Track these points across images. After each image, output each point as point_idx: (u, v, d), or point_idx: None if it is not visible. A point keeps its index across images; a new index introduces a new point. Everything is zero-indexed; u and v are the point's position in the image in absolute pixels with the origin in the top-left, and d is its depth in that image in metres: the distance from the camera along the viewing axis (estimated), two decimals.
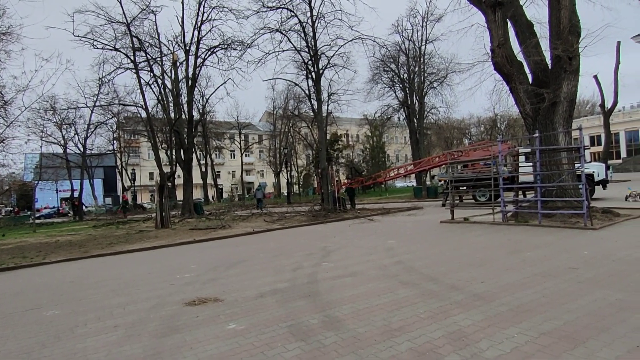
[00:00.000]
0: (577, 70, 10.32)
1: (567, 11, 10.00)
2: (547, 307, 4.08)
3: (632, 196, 14.11)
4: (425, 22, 31.41)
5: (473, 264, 6.37)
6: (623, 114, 63.57)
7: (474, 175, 17.57)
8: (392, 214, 17.83)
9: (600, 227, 8.97)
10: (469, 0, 11.82)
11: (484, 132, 60.12)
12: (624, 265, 5.56)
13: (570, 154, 10.81)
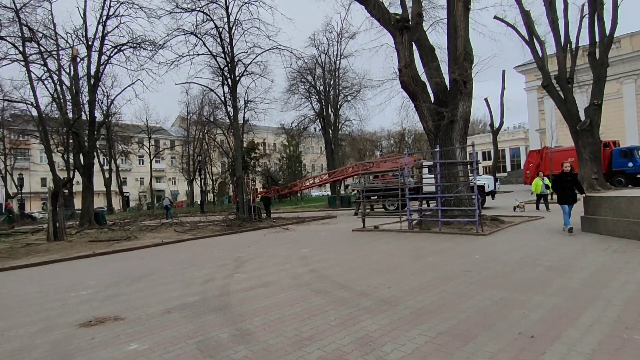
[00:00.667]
0: (471, 93, 11.59)
1: (462, 40, 11.21)
2: (444, 308, 4.45)
3: (520, 207, 15.67)
4: (340, 38, 32.83)
5: (381, 270, 6.72)
6: (508, 133, 72.16)
7: (383, 186, 18.60)
8: (307, 222, 18.10)
9: (490, 233, 10.07)
10: (379, 22, 12.63)
11: (393, 145, 64.04)
12: (507, 267, 6.29)
13: (465, 167, 12.01)
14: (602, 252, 6.89)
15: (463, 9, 11.37)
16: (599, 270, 5.71)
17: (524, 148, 61.13)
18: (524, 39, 23.43)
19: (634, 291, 4.60)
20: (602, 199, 8.90)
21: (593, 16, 21.10)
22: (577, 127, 21.56)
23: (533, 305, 4.32)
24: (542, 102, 38.87)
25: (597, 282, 5.06)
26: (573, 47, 22.66)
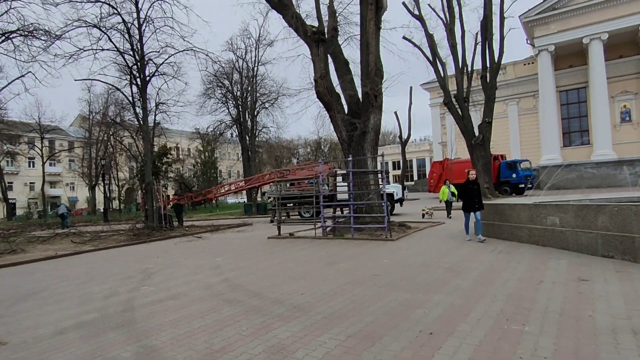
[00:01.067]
0: (381, 106, 12.34)
1: (374, 56, 11.92)
2: (353, 312, 4.64)
3: (428, 214, 16.62)
4: (258, 44, 32.70)
5: (296, 277, 6.80)
6: (415, 144, 77.66)
7: (299, 193, 18.84)
8: (222, 230, 17.61)
9: (397, 239, 10.74)
10: (296, 32, 12.88)
11: (310, 153, 65.20)
12: (412, 270, 6.76)
13: (376, 176, 12.69)
14: (490, 254, 7.75)
15: (374, 27, 12.10)
16: (487, 269, 6.41)
17: (429, 159, 66.21)
18: (428, 59, 25.53)
19: (514, 287, 5.25)
20: (491, 206, 10.01)
21: (484, 44, 23.77)
22: (472, 142, 23.97)
23: (433, 304, 4.71)
24: (444, 117, 42.65)
25: (486, 281, 5.68)
26: (469, 70, 25.25)
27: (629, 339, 3.41)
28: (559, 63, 36.23)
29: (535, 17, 34.80)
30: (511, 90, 39.76)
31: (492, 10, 23.56)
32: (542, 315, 4.10)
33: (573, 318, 3.98)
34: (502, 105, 38.81)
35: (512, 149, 39.19)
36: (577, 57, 35.33)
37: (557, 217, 7.59)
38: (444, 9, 24.91)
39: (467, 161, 28.19)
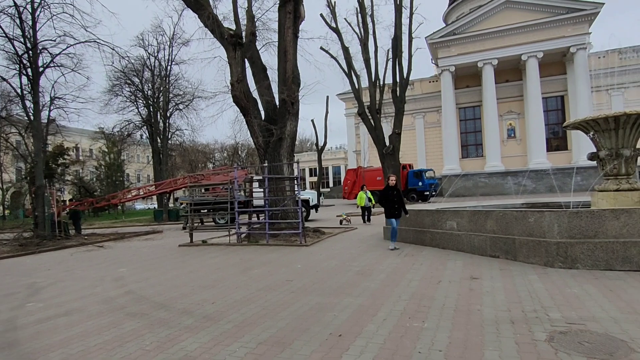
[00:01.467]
0: (298, 113, 12.53)
1: (291, 64, 12.08)
2: (265, 318, 4.62)
3: (346, 220, 16.80)
4: (172, 42, 31.13)
5: (207, 285, 6.56)
6: (331, 152, 79.83)
7: (214, 199, 18.26)
8: (127, 239, 16.34)
9: (311, 244, 10.93)
10: (212, 34, 12.56)
11: (227, 158, 63.60)
12: (324, 274, 6.93)
13: (291, 182, 12.81)
14: (397, 257, 8.24)
15: (292, 35, 12.29)
16: (393, 271, 6.81)
17: (344, 166, 68.57)
18: (344, 71, 26.59)
19: (416, 287, 5.64)
20: None
21: (395, 61, 25.46)
22: (383, 151, 25.40)
23: (343, 307, 4.87)
24: (358, 127, 44.60)
25: (392, 282, 6.03)
26: (381, 84, 26.80)
27: (508, 327, 3.87)
28: (459, 82, 40.08)
29: (438, 40, 38.17)
30: (418, 104, 42.99)
31: (402, 30, 25.29)
32: (439, 312, 4.47)
33: (465, 312, 4.39)
34: (410, 118, 41.73)
35: (419, 159, 42.30)
36: (474, 79, 39.42)
37: (455, 221, 8.36)
38: (359, 24, 26.17)
39: (378, 169, 29.75)
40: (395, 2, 25.38)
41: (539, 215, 6.38)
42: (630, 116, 7.46)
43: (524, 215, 6.68)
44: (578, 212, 6.07)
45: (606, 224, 5.82)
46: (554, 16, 34.78)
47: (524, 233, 6.67)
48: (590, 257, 5.86)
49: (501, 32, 36.10)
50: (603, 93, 35.14)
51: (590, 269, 5.84)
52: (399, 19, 25.24)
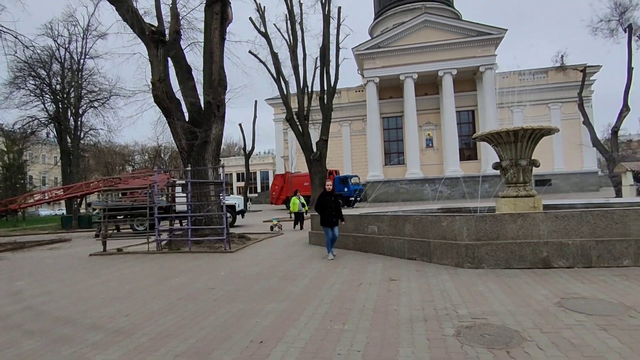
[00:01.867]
0: (224, 116, 12.24)
1: (217, 66, 11.79)
2: (185, 328, 4.42)
3: (277, 226, 16.21)
4: (86, 34, 28.77)
5: (120, 297, 6.12)
6: (259, 157, 79.18)
7: (131, 204, 17.11)
8: (28, 248, 14.66)
9: (236, 250, 10.70)
10: (132, 29, 11.83)
11: (148, 161, 60.08)
12: (248, 280, 6.82)
13: (216, 187, 12.45)
14: (321, 261, 8.38)
15: (219, 37, 12.01)
16: (317, 275, 6.91)
17: (272, 172, 68.29)
18: (272, 76, 26.60)
19: (338, 290, 5.79)
20: None
21: (323, 69, 26.06)
22: (311, 157, 25.76)
23: (266, 313, 4.83)
24: (286, 132, 44.74)
25: (315, 286, 6.12)
26: (309, 91, 27.23)
27: (422, 325, 4.12)
28: (383, 93, 42.07)
29: (364, 52, 39.80)
30: (345, 112, 44.32)
31: (329, 40, 25.99)
32: (359, 313, 4.62)
33: (383, 313, 4.60)
34: (337, 126, 42.86)
35: (345, 165, 43.54)
36: (396, 90, 41.64)
37: (376, 226, 8.72)
38: (288, 31, 26.41)
39: (306, 175, 30.08)
40: (324, 13, 26.03)
41: (451, 220, 6.91)
42: (527, 131, 8.39)
43: (438, 220, 7.18)
44: (483, 216, 6.68)
45: (506, 227, 6.48)
46: (466, 38, 38.14)
47: (438, 236, 7.17)
48: (493, 257, 6.47)
49: (421, 49, 38.68)
50: (506, 109, 39.12)
51: (493, 268, 6.43)
52: (327, 28, 25.90)
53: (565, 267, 6.20)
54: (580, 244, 6.20)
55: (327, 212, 8.50)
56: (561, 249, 6.25)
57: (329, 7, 26.09)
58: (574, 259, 6.21)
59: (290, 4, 26.14)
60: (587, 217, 6.26)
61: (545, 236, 6.34)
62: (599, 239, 6.19)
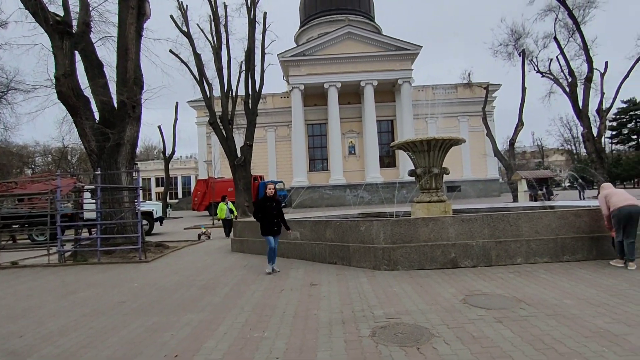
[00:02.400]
0: (139, 117, 11.51)
1: (133, 63, 11.08)
2: (88, 348, 4.06)
3: (205, 234, 15.16)
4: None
5: (13, 316, 5.45)
6: (181, 161, 75.74)
7: (29, 212, 15.31)
8: None
9: (153, 260, 10.09)
10: (35, 17, 10.67)
11: (52, 164, 54.32)
12: (164, 291, 6.46)
13: (131, 193, 11.65)
14: (243, 268, 8.23)
15: (135, 33, 11.30)
16: (238, 283, 6.77)
17: (195, 177, 65.64)
18: (195, 77, 25.65)
19: (259, 297, 5.72)
20: (246, 223, 10.71)
21: (248, 73, 25.72)
22: (235, 162, 25.22)
23: (182, 325, 4.62)
24: (209, 136, 43.31)
25: (236, 294, 5.99)
26: (234, 94, 26.68)
27: (340, 328, 4.23)
28: (308, 100, 42.67)
29: (289, 59, 40.12)
30: (270, 118, 44.15)
31: (254, 44, 25.78)
32: (279, 320, 4.61)
33: (303, 318, 4.64)
34: (262, 131, 42.54)
35: (270, 171, 43.30)
36: (321, 98, 42.50)
37: (298, 231, 8.79)
38: (212, 32, 25.72)
39: (230, 180, 29.38)
40: (249, 17, 25.78)
41: (369, 224, 7.20)
42: (438, 141, 9.09)
43: (357, 225, 7.45)
44: (399, 220, 7.06)
45: (419, 230, 6.92)
46: (386, 51, 40.27)
47: (357, 240, 7.43)
48: (408, 259, 6.87)
49: (344, 59, 40.01)
50: (422, 120, 41.90)
51: (407, 270, 6.82)
52: (252, 33, 25.67)
53: (470, 266, 6.79)
54: (483, 244, 6.84)
55: (268, 220, 7.53)
56: (467, 250, 6.83)
57: (255, 12, 25.89)
58: (478, 258, 6.82)
59: (215, 5, 25.47)
60: (488, 220, 6.92)
61: (453, 238, 6.88)
62: (497, 240, 6.87)
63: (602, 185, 7.08)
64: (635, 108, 64.67)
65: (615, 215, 6.36)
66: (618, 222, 6.34)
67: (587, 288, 5.22)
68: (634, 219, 6.27)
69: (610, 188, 6.85)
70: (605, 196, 6.60)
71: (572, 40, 24.95)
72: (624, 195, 6.50)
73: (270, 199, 7.66)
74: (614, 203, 6.40)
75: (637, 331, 3.68)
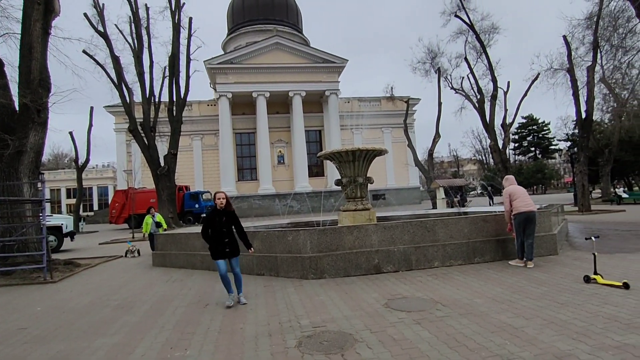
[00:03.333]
0: (46, 122, 10.45)
1: (38, 63, 10.07)
2: None
3: (131, 251, 13.64)
4: None
5: None
6: (96, 171, 70.21)
7: None
8: None
9: (60, 279, 9.15)
10: None
11: None
12: (73, 314, 5.89)
13: (35, 206, 10.51)
14: (165, 283, 7.80)
15: (41, 31, 10.30)
16: (159, 300, 6.40)
17: (113, 187, 61.14)
18: (113, 81, 24.03)
19: (182, 314, 5.46)
20: (169, 236, 10.20)
21: (172, 79, 24.70)
22: (157, 171, 23.94)
23: (93, 350, 4.24)
24: (130, 144, 40.66)
25: (156, 312, 5.64)
26: (157, 101, 25.41)
27: (266, 340, 4.18)
28: (236, 109, 42.00)
29: (217, 66, 39.28)
30: (196, 126, 42.67)
31: (179, 49, 24.92)
32: (203, 337, 4.43)
33: (229, 333, 4.51)
34: (187, 139, 40.96)
35: (196, 181, 41.72)
36: (249, 107, 42.08)
37: None
38: (133, 34, 24.39)
39: (152, 191, 27.85)
40: (174, 21, 24.86)
41: (296, 234, 7.24)
42: (363, 151, 9.43)
43: (284, 235, 7.45)
44: (325, 229, 7.19)
45: (344, 238, 7.10)
46: (314, 63, 41.13)
47: (284, 250, 7.42)
48: (334, 267, 7.00)
49: (272, 69, 40.12)
50: (348, 131, 43.27)
51: (334, 277, 6.95)
52: (176, 37, 24.76)
53: (393, 271, 7.11)
54: (404, 250, 7.20)
55: (217, 239, 5.82)
56: (389, 256, 7.14)
57: (180, 16, 25.03)
58: (399, 263, 7.16)
59: (135, 6, 24.17)
60: (407, 227, 7.31)
61: (376, 245, 7.16)
62: (417, 245, 7.29)
63: (506, 177, 7.75)
64: (533, 123, 73.07)
65: (517, 218, 7.08)
66: (519, 225, 7.06)
67: (494, 287, 5.72)
68: (533, 222, 7.03)
69: (514, 183, 7.53)
70: (510, 195, 7.25)
71: (480, 61, 27.45)
72: (526, 200, 7.18)
73: (221, 212, 5.85)
74: (517, 207, 7.10)
75: (532, 323, 4.11)
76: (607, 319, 4.13)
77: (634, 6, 16.20)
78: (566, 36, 21.56)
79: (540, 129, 73.17)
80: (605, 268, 6.39)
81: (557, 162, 79.50)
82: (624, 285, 5.24)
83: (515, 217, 7.10)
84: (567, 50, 21.47)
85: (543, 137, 73.32)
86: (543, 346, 3.51)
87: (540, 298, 5.03)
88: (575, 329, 3.87)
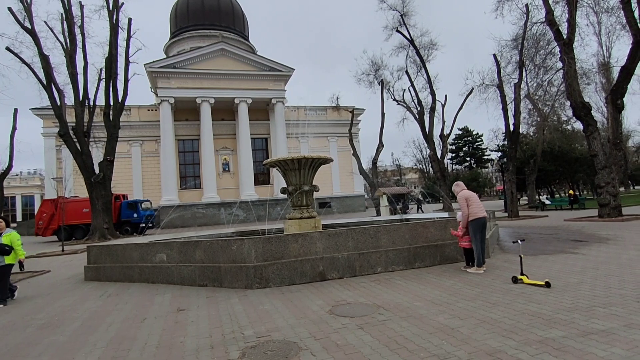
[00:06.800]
0: None
1: None
2: None
3: None
4: None
5: None
6: (21, 178, 64.64)
7: None
8: None
9: None
10: None
11: None
12: None
13: None
14: (98, 299, 7.30)
15: None
16: (91, 317, 5.97)
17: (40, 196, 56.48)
18: (41, 82, 22.35)
19: (117, 330, 5.14)
20: (103, 247, 9.58)
21: (108, 82, 23.44)
22: (92, 179, 22.49)
23: None
24: (60, 150, 37.86)
25: (87, 330, 5.27)
26: (91, 104, 23.95)
27: (208, 353, 4.05)
28: (179, 115, 40.63)
29: (158, 70, 37.85)
30: (135, 132, 40.70)
31: (117, 51, 23.76)
32: (139, 353, 4.20)
33: (167, 348, 4.31)
34: (125, 145, 38.94)
35: (135, 189, 39.67)
36: (193, 113, 40.89)
37: (165, 254, 8.21)
38: (65, 33, 22.89)
39: (85, 200, 26.16)
40: (111, 21, 23.68)
41: (240, 243, 7.12)
42: (308, 159, 9.52)
43: (228, 244, 7.29)
44: (270, 238, 7.14)
45: (289, 247, 7.09)
46: (260, 71, 40.97)
47: (228, 260, 7.26)
48: (279, 275, 6.96)
49: (217, 75, 39.40)
50: (295, 139, 43.44)
51: (279, 286, 6.91)
52: (114, 38, 23.59)
53: (337, 277, 7.20)
54: (347, 257, 7.33)
55: None
56: (333, 263, 7.23)
57: (118, 16, 23.86)
58: (343, 270, 7.28)
59: (68, 4, 22.73)
60: (351, 234, 7.46)
61: (321, 252, 7.23)
62: (360, 251, 7.45)
63: (457, 182, 7.94)
64: (468, 135, 77.89)
65: (474, 223, 7.16)
66: (475, 230, 7.16)
67: (433, 290, 5.99)
68: (485, 226, 7.30)
69: (464, 188, 7.61)
70: (467, 199, 7.28)
71: (420, 75, 28.91)
72: (480, 206, 7.31)
73: None
74: (473, 212, 7.17)
75: (467, 323, 4.36)
76: (532, 315, 4.48)
77: (553, 30, 17.92)
78: (496, 55, 23.33)
79: (474, 140, 78.09)
80: (530, 269, 6.93)
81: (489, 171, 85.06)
82: (546, 284, 5.72)
83: (472, 223, 7.17)
84: (497, 68, 23.23)
85: (477, 147, 78.27)
86: (476, 344, 3.73)
87: (474, 299, 5.35)
88: (504, 327, 4.16)
